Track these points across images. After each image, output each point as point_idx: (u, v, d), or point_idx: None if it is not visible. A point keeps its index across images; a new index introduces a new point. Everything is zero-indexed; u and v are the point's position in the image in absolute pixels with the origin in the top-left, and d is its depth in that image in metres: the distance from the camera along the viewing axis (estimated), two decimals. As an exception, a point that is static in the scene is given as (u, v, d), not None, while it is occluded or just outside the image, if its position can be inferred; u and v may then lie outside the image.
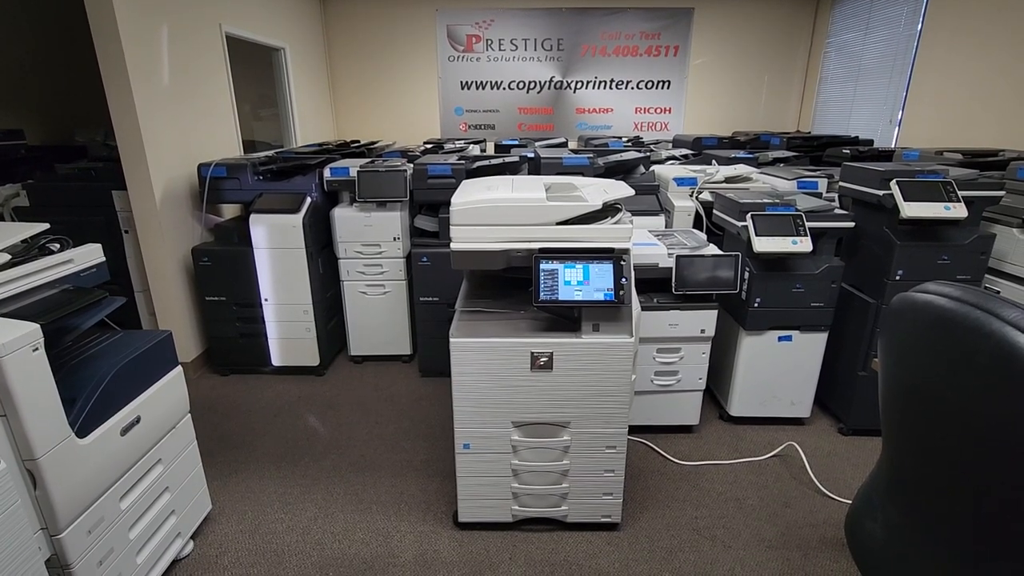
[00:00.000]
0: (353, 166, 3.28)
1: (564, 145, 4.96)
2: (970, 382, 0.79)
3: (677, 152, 4.40)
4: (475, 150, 4.64)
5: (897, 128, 4.72)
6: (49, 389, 1.43)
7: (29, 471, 1.40)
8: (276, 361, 3.42)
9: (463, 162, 3.24)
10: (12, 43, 4.45)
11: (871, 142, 4.51)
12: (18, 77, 4.49)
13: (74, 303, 1.59)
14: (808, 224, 2.49)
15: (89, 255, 1.78)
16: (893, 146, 4.58)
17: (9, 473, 1.31)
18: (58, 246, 1.72)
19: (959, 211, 2.34)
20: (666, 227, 3.17)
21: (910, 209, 2.34)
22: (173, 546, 1.96)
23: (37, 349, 1.38)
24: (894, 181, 2.41)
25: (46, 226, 1.71)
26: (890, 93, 4.81)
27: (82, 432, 1.53)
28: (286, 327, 3.34)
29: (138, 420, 1.73)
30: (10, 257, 1.55)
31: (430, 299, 3.25)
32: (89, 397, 1.56)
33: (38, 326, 1.39)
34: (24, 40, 4.55)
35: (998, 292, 2.58)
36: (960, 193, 2.37)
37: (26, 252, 1.64)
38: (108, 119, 2.94)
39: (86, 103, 4.46)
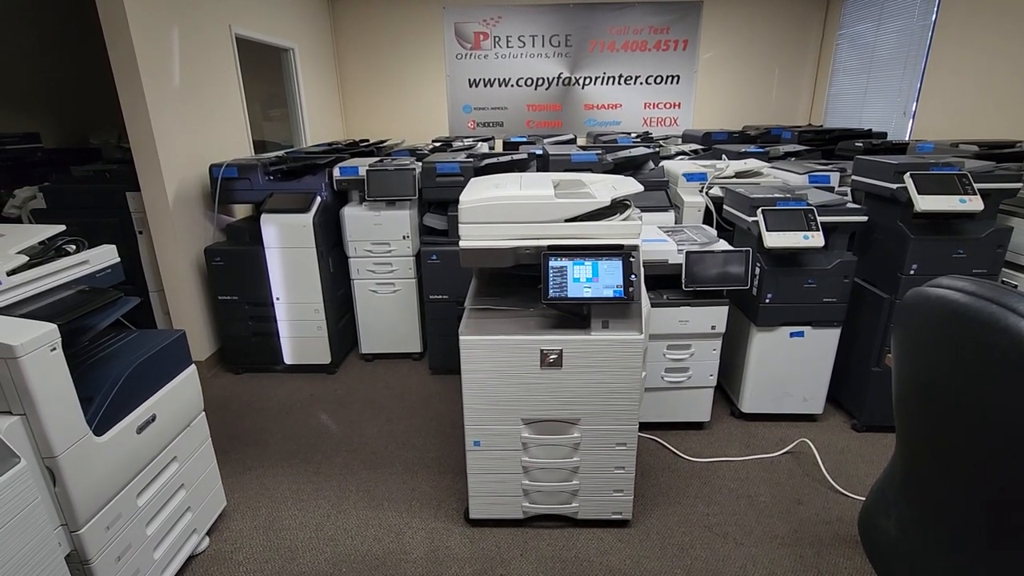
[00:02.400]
0: (362, 165, 3.29)
1: (572, 141, 4.95)
2: (985, 378, 0.77)
3: (687, 147, 4.38)
4: (483, 148, 4.64)
5: (911, 120, 4.65)
6: (67, 388, 1.46)
7: (48, 468, 1.43)
8: (288, 359, 3.46)
9: (471, 160, 3.24)
10: (27, 48, 4.52)
11: (884, 135, 4.45)
12: (33, 81, 4.56)
13: (90, 303, 1.62)
14: (820, 219, 2.46)
15: (104, 256, 1.81)
16: (907, 138, 4.51)
17: (29, 470, 1.34)
18: (74, 247, 1.75)
19: (975, 204, 2.30)
20: (676, 223, 3.15)
21: (924, 202, 2.31)
22: (189, 542, 1.99)
23: (55, 349, 1.41)
24: (908, 174, 2.37)
25: (62, 228, 1.75)
26: (904, 85, 4.73)
27: (99, 430, 1.56)
28: (298, 326, 3.37)
29: (154, 418, 1.76)
30: (28, 259, 1.58)
31: (440, 297, 3.26)
32: (106, 396, 1.59)
33: (55, 326, 1.41)
34: (38, 44, 4.61)
35: (1015, 286, 2.53)
36: (976, 186, 2.33)
37: (43, 253, 1.67)
38: (121, 121, 2.98)
39: (100, 106, 4.52)
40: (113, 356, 1.75)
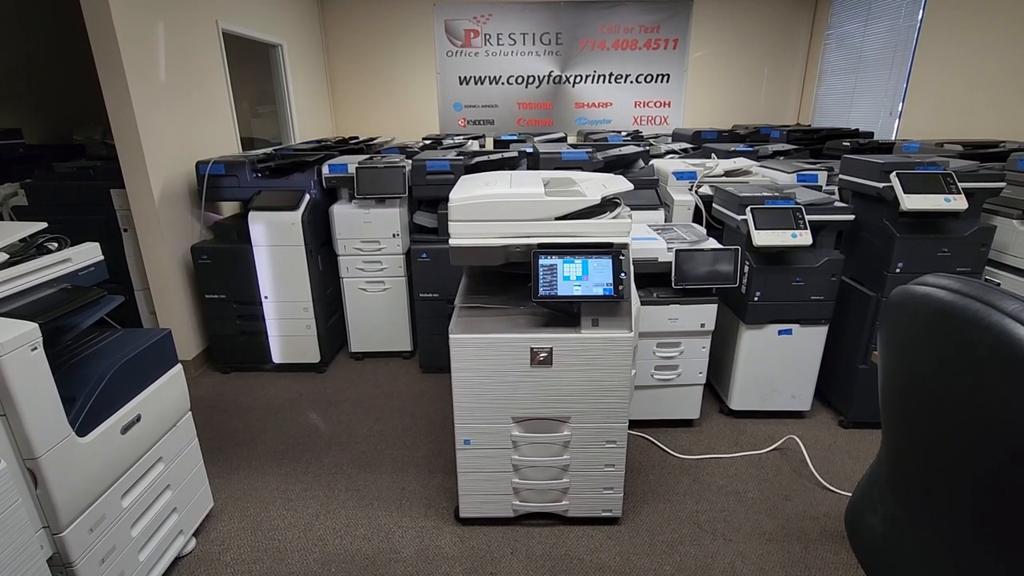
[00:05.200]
0: (352, 163, 3.27)
1: (563, 140, 4.95)
2: (970, 375, 0.78)
3: (676, 146, 4.39)
4: (474, 145, 4.62)
5: (897, 120, 4.70)
6: (49, 388, 1.43)
7: (30, 470, 1.41)
8: (277, 358, 3.43)
9: (462, 158, 3.23)
10: (9, 42, 4.44)
11: (871, 134, 4.50)
12: (16, 76, 4.48)
13: (72, 302, 1.59)
14: (808, 217, 2.48)
15: (87, 254, 1.78)
16: (893, 138, 4.56)
17: (9, 472, 1.31)
18: (56, 245, 1.72)
19: (959, 203, 2.33)
20: (665, 221, 3.16)
21: (910, 201, 2.33)
22: (175, 543, 1.96)
23: (36, 348, 1.38)
24: (894, 173, 2.40)
25: (44, 225, 1.71)
26: (890, 85, 4.78)
27: (82, 431, 1.53)
28: (286, 324, 3.35)
29: (138, 418, 1.74)
30: (8, 256, 1.55)
31: (430, 295, 3.25)
32: (89, 396, 1.56)
33: (36, 325, 1.39)
34: (21, 39, 4.53)
35: (998, 284, 2.56)
36: (960, 185, 2.36)
37: (24, 251, 1.64)
38: (106, 117, 2.93)
39: (84, 102, 4.45)
40: (97, 355, 1.73)
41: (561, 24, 5.98)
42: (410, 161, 3.29)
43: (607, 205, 1.90)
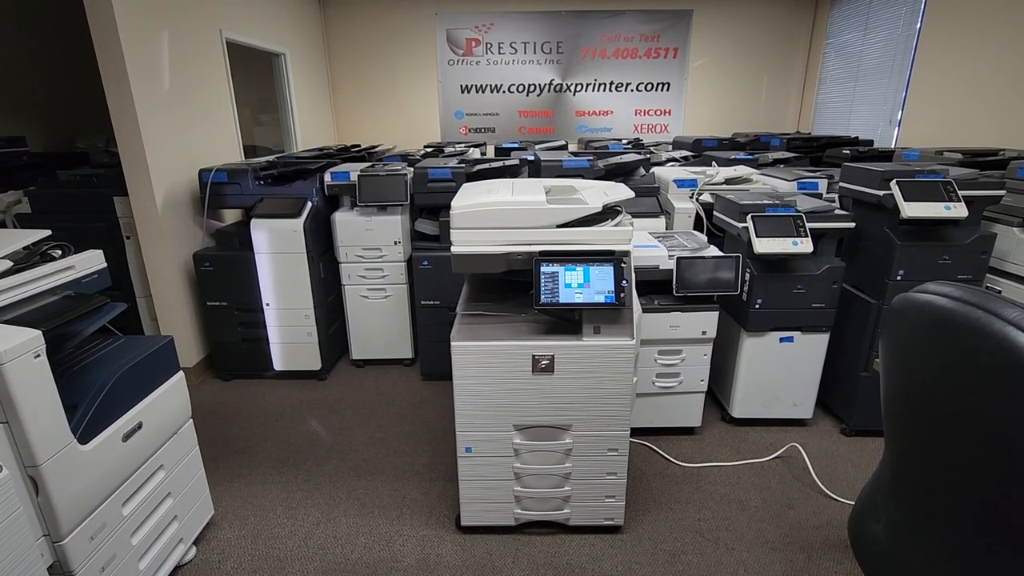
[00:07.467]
0: (354, 170, 3.29)
1: (564, 148, 4.97)
2: (971, 382, 0.78)
3: (677, 154, 4.41)
4: (475, 153, 4.64)
5: (897, 128, 4.72)
6: (51, 396, 1.43)
7: (31, 478, 1.41)
8: (278, 366, 3.43)
9: (463, 165, 3.24)
10: (13, 50, 4.47)
11: (871, 142, 4.51)
12: (19, 84, 4.51)
13: (75, 309, 1.59)
14: (808, 225, 2.49)
15: (90, 261, 1.79)
16: (893, 146, 4.57)
17: (11, 480, 1.31)
18: (59, 252, 1.72)
19: (959, 211, 2.33)
20: (666, 229, 3.17)
21: (910, 209, 2.34)
22: (175, 552, 1.96)
23: (39, 356, 1.39)
24: (894, 181, 2.40)
25: (47, 232, 1.72)
26: (889, 93, 4.81)
27: (84, 438, 1.53)
28: (288, 332, 3.35)
29: (140, 426, 1.74)
30: (12, 264, 1.56)
31: (431, 302, 3.25)
32: (91, 403, 1.56)
33: (39, 333, 1.39)
34: (25, 47, 4.57)
35: (999, 292, 2.57)
36: (960, 193, 2.37)
37: (28, 259, 1.64)
38: (109, 125, 2.95)
39: (87, 110, 4.47)
40: (99, 363, 1.73)
41: (562, 33, 6.03)
42: (412, 169, 3.31)
43: (608, 213, 1.91)
